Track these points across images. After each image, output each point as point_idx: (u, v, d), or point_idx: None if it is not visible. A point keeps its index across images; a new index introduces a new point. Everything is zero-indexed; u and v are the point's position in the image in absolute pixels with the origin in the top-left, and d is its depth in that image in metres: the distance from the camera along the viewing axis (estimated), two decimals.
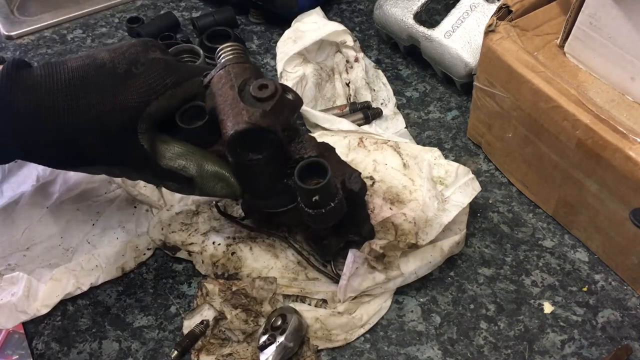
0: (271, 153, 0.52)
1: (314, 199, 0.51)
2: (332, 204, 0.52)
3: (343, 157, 0.68)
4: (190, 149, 0.54)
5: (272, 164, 0.53)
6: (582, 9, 0.59)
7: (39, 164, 0.53)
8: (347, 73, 0.84)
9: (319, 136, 0.72)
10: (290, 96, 0.54)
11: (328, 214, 0.53)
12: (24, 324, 0.60)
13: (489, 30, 0.65)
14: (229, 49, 0.55)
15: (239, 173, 0.54)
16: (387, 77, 0.85)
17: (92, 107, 0.49)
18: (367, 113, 0.78)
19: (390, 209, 0.63)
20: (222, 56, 0.55)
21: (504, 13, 0.65)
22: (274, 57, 0.85)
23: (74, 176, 0.69)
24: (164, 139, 0.54)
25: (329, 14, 0.95)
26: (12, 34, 0.94)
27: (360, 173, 0.57)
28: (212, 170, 0.54)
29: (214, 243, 0.64)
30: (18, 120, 0.48)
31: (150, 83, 0.51)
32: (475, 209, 0.69)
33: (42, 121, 0.48)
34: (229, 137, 0.50)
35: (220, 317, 0.59)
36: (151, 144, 0.52)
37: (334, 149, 0.60)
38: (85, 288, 0.62)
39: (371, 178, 0.66)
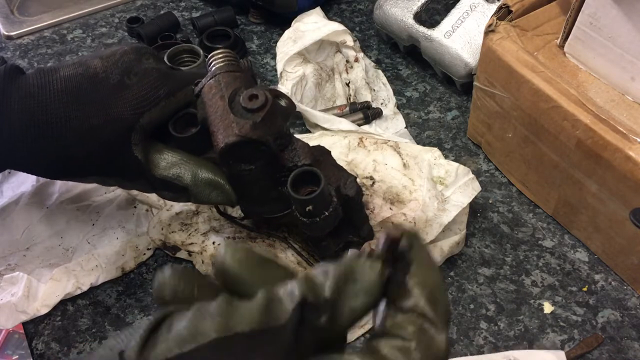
0: (264, 163, 0.51)
1: (307, 208, 0.51)
2: (327, 213, 0.52)
3: (343, 157, 0.68)
4: (184, 157, 0.54)
5: (266, 173, 0.53)
6: (582, 9, 0.59)
7: (32, 174, 0.53)
8: (347, 73, 0.84)
9: (319, 136, 0.72)
10: (282, 102, 0.53)
11: (323, 222, 0.52)
12: (24, 324, 0.60)
13: (489, 30, 0.65)
14: (219, 55, 0.55)
15: (233, 182, 0.54)
16: (387, 77, 0.85)
17: (85, 119, 0.48)
18: (367, 113, 0.78)
19: (390, 209, 0.63)
20: (212, 64, 0.55)
21: (504, 13, 0.65)
22: (274, 57, 0.85)
23: None
24: (158, 147, 0.54)
25: (329, 14, 0.95)
26: (12, 34, 0.94)
27: (356, 177, 0.57)
28: (207, 178, 0.54)
29: (214, 243, 0.64)
30: (11, 130, 0.47)
31: (143, 94, 0.50)
32: (475, 209, 0.69)
33: (35, 133, 0.48)
34: (219, 150, 0.49)
35: None
36: (145, 154, 0.52)
37: (330, 152, 0.59)
38: (85, 288, 0.62)
39: (371, 178, 0.66)
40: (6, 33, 0.94)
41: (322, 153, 0.58)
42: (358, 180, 0.66)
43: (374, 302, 0.26)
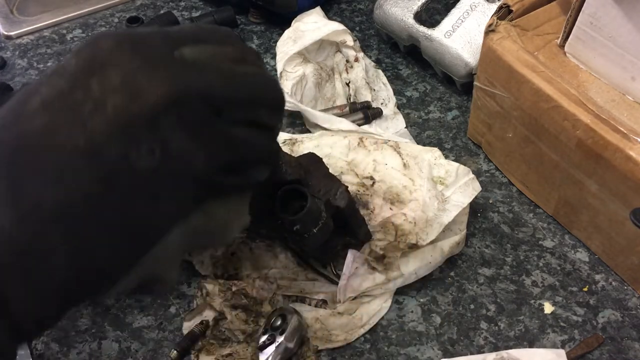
0: None
1: (294, 228, 0.51)
2: (315, 230, 0.52)
3: (343, 157, 0.68)
4: None
5: (254, 189, 0.52)
6: (583, 8, 0.59)
7: None
8: (347, 73, 0.84)
9: (319, 136, 0.72)
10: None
11: (311, 239, 0.52)
12: None
13: (489, 30, 0.65)
14: None
15: None
16: (387, 77, 0.85)
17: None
18: (367, 113, 0.78)
19: (391, 209, 0.63)
20: None
21: (504, 13, 0.65)
22: (274, 57, 0.85)
23: None
24: None
25: (329, 14, 0.95)
26: (12, 33, 0.94)
27: (347, 187, 0.56)
28: None
29: None
30: None
31: None
32: (476, 209, 0.69)
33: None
34: None
35: (220, 317, 0.59)
36: None
37: (321, 160, 0.58)
38: None
39: (371, 178, 0.66)
40: (6, 33, 0.94)
41: (312, 162, 0.57)
42: (358, 180, 0.66)
43: None
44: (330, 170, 0.58)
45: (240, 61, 0.37)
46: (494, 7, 0.76)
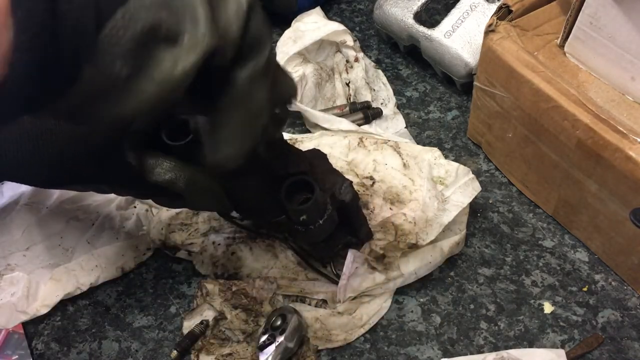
0: (257, 175, 0.51)
1: (301, 218, 0.51)
2: (321, 221, 0.52)
3: (343, 157, 0.68)
4: (179, 164, 0.52)
5: (260, 184, 0.52)
6: (583, 8, 0.59)
7: (26, 184, 0.52)
8: (347, 73, 0.84)
9: (319, 136, 0.72)
10: (275, 110, 0.51)
11: (317, 230, 0.52)
12: (24, 324, 0.60)
13: (489, 30, 0.65)
14: None
15: (228, 193, 0.53)
16: (387, 77, 0.85)
17: (75, 128, 0.48)
18: (367, 113, 0.78)
19: (390, 209, 0.63)
20: None
21: (504, 13, 0.65)
22: None
23: None
24: (153, 154, 0.52)
25: (329, 14, 0.95)
26: None
27: (351, 182, 0.56)
28: (201, 185, 0.52)
29: (214, 243, 0.64)
30: (4, 142, 0.47)
31: None
32: (475, 209, 0.69)
33: (27, 143, 0.47)
34: (208, 166, 0.48)
35: (220, 317, 0.59)
36: (139, 160, 0.51)
37: (325, 156, 0.58)
38: (85, 288, 0.62)
39: (371, 178, 0.66)
40: None
41: (317, 157, 0.57)
42: (358, 180, 0.66)
43: None
44: None
45: None
46: (493, 7, 0.77)
